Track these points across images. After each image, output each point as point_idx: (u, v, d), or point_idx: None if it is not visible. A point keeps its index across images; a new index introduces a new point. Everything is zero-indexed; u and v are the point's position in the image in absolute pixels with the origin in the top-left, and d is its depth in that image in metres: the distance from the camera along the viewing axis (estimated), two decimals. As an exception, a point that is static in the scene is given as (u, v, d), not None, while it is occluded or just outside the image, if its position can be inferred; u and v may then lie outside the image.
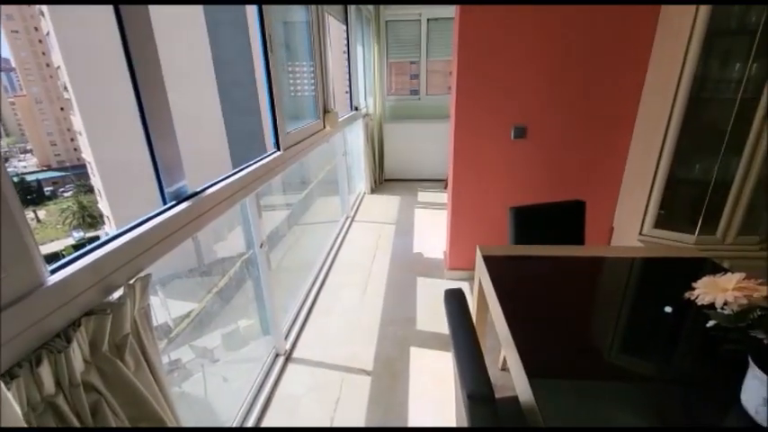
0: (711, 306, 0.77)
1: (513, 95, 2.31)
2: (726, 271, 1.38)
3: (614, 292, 1.40)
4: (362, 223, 3.93)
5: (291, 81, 2.91)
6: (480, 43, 2.22)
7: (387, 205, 4.42)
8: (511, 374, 1.08)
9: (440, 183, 5.14)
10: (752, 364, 0.78)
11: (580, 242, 1.74)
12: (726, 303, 0.74)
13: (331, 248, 3.31)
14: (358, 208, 4.32)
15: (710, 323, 0.79)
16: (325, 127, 2.61)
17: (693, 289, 0.84)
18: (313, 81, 2.53)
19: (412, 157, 5.28)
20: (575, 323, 1.20)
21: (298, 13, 2.51)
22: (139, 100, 1.06)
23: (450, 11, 3.68)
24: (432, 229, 3.69)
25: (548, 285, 1.40)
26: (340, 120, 3.12)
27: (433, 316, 2.42)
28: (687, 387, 0.95)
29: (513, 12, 2.15)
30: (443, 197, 4.55)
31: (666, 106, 2.02)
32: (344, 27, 3.73)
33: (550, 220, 1.70)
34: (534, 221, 1.67)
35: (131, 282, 0.90)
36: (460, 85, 2.32)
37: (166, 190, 1.17)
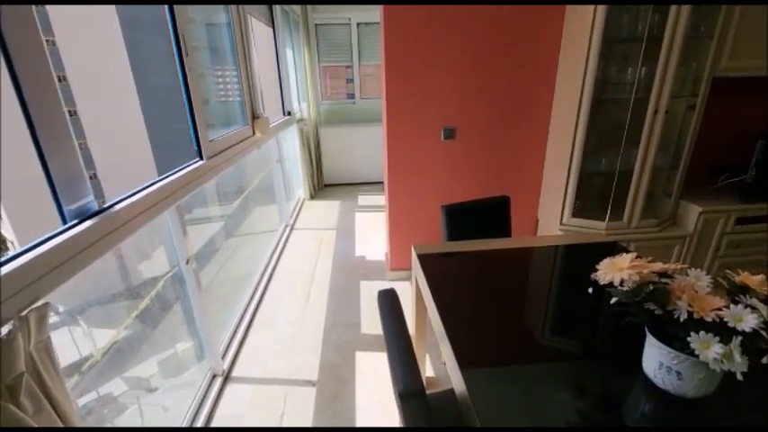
0: (612, 285, 0.85)
1: (441, 98, 2.40)
2: (624, 250, 1.55)
3: (540, 279, 1.50)
4: (303, 230, 3.84)
5: (222, 86, 2.77)
6: (406, 46, 2.28)
7: (327, 211, 4.37)
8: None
9: (379, 185, 5.19)
10: (648, 334, 0.87)
11: (507, 235, 1.85)
12: (622, 281, 0.82)
13: (270, 258, 3.19)
14: (298, 215, 4.22)
15: (613, 300, 0.87)
16: (254, 133, 2.51)
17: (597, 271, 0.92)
18: (238, 85, 2.43)
19: (350, 161, 5.27)
20: (505, 311, 1.26)
21: (219, 14, 2.39)
22: (25, 108, 0.94)
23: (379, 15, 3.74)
24: (373, 232, 3.71)
25: (479, 278, 1.47)
26: (272, 125, 3.02)
27: (377, 319, 2.41)
28: (603, 359, 1.05)
29: (435, 16, 2.23)
30: (383, 199, 4.61)
31: (574, 107, 2.21)
32: (271, 30, 3.63)
33: (480, 216, 1.78)
34: (465, 218, 1.75)
35: (24, 313, 0.79)
36: (389, 89, 2.36)
37: (66, 207, 1.05)
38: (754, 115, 2.68)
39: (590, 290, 1.28)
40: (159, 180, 1.42)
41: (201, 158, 1.74)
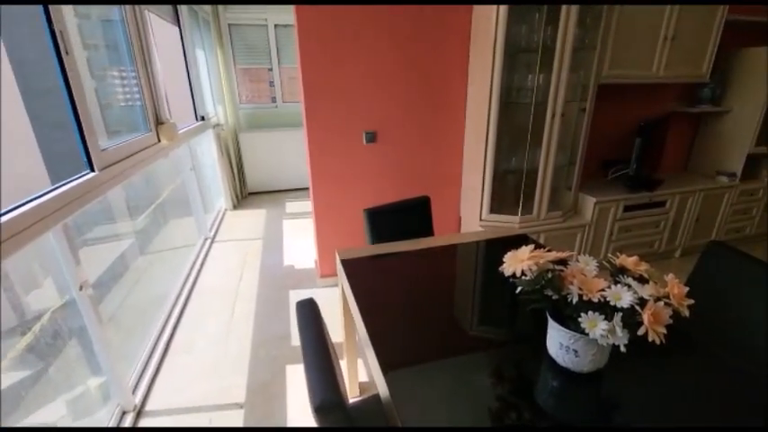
0: (515, 276, 0.91)
1: (361, 101, 2.41)
2: (532, 242, 1.68)
3: (461, 274, 1.56)
4: (225, 243, 3.61)
5: (126, 89, 2.49)
6: (323, 49, 2.25)
7: (252, 220, 4.16)
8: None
9: (307, 191, 5.08)
10: (549, 318, 0.95)
11: (430, 234, 1.90)
12: (523, 272, 0.88)
13: (188, 276, 2.94)
14: (219, 227, 3.96)
15: (518, 289, 0.93)
16: (159, 140, 2.29)
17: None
18: (138, 88, 2.20)
19: (276, 168, 5.09)
20: (430, 309, 1.29)
21: (111, 9, 2.15)
22: None
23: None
24: (302, 240, 3.61)
25: (403, 279, 1.49)
26: (182, 131, 2.80)
27: (308, 328, 2.35)
28: (519, 345, 1.11)
29: (350, 18, 2.23)
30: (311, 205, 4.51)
31: (484, 111, 2.36)
32: (178, 29, 3.37)
33: (402, 218, 1.81)
34: (387, 220, 1.77)
35: None
36: (308, 92, 2.31)
37: None
38: (633, 116, 3.09)
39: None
40: (36, 198, 1.22)
41: (92, 170, 1.54)
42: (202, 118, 3.68)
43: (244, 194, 4.91)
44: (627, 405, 0.90)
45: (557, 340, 0.94)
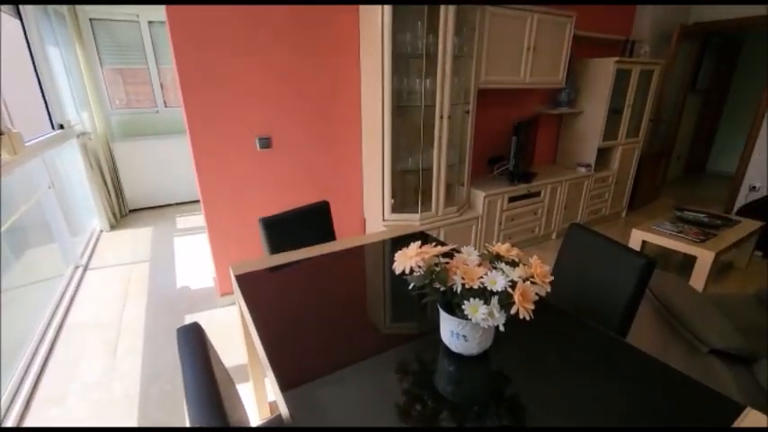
0: (405, 273, 0.94)
1: (251, 106, 2.29)
2: (430, 238, 1.77)
3: (365, 275, 1.56)
4: (102, 270, 3.13)
5: None
6: (203, 49, 2.08)
7: (135, 241, 3.68)
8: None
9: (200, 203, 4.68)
10: (440, 309, 0.99)
11: (332, 238, 1.88)
12: (412, 269, 0.91)
13: (54, 313, 2.48)
14: (93, 251, 3.42)
15: (411, 286, 0.96)
16: (-2, 154, 1.89)
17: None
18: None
19: (161, 180, 4.57)
20: (335, 315, 1.25)
21: None
22: None
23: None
24: (198, 257, 3.30)
25: (305, 287, 1.44)
26: (30, 143, 2.35)
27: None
28: (420, 339, 1.14)
29: (230, 17, 2.10)
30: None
31: (378, 114, 2.42)
32: (19, 22, 2.83)
33: (301, 225, 1.76)
34: (285, 229, 1.70)
35: None
36: (188, 96, 2.12)
37: None
38: (509, 117, 3.47)
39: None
40: None
41: None
42: (61, 126, 3.14)
43: (123, 212, 4.32)
44: (514, 377, 0.98)
45: (448, 328, 0.99)
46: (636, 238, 2.89)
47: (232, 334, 2.28)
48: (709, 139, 6.41)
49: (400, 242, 1.82)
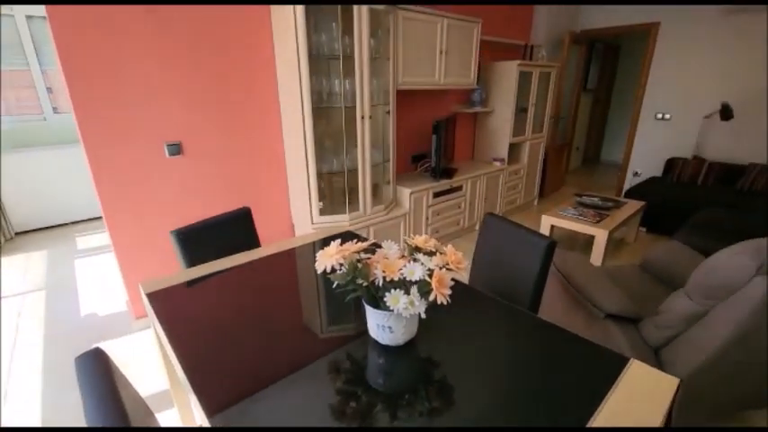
0: (326, 272, 0.94)
1: (155, 110, 2.11)
2: (356, 237, 1.79)
3: (297, 279, 1.52)
4: (-17, 304, 2.67)
5: None
6: (92, 50, 1.87)
7: (26, 268, 3.20)
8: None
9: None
10: (364, 303, 1.01)
11: (256, 246, 1.81)
12: (333, 267, 0.92)
13: None
14: (-30, 285, 2.90)
15: (334, 284, 0.96)
16: None
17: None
18: None
19: (54, 196, 4.02)
20: (264, 326, 1.20)
21: None
22: None
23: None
24: (105, 279, 2.97)
25: (228, 301, 1.36)
26: None
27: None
28: (358, 337, 1.13)
29: (122, 19, 1.92)
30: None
31: (298, 116, 2.39)
32: None
33: (221, 234, 1.67)
34: (203, 240, 1.60)
35: None
36: (78, 101, 1.89)
37: None
38: (429, 116, 3.62)
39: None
40: None
41: None
42: None
43: (8, 236, 3.72)
44: (441, 360, 1.03)
45: (374, 322, 1.01)
46: (545, 224, 3.20)
47: (152, 359, 2.08)
48: (600, 132, 7.31)
49: (327, 243, 1.80)
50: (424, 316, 0.93)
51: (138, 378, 1.94)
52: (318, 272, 0.94)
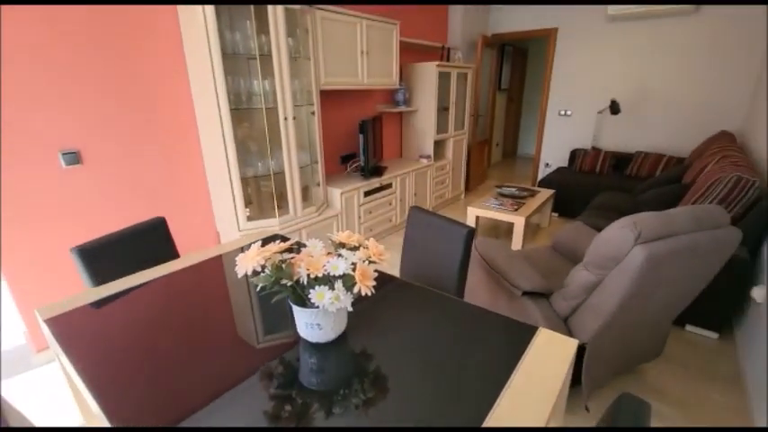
0: (247, 275, 0.92)
1: (46, 116, 1.88)
2: (284, 239, 1.75)
3: (225, 289, 1.44)
4: None
5: None
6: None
7: None
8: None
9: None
10: (291, 303, 1.00)
11: (174, 256, 1.70)
12: (254, 270, 0.90)
13: None
14: None
15: (258, 287, 0.94)
16: None
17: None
18: None
19: None
20: (189, 343, 1.12)
21: None
22: None
23: None
24: (-3, 311, 2.57)
25: (146, 319, 1.26)
26: None
27: None
28: (292, 340, 1.11)
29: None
30: None
31: (216, 119, 2.27)
32: None
33: (132, 247, 1.54)
34: (111, 254, 1.46)
35: None
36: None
37: None
38: (355, 116, 3.66)
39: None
40: None
41: None
42: None
43: None
44: (374, 351, 1.05)
45: (302, 321, 1.01)
46: (471, 215, 3.40)
47: (63, 394, 1.85)
48: (516, 128, 7.93)
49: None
50: (350, 309, 0.95)
51: (49, 418, 1.71)
52: (239, 276, 0.92)
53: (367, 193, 3.34)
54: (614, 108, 4.37)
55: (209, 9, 2.05)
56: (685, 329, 2.31)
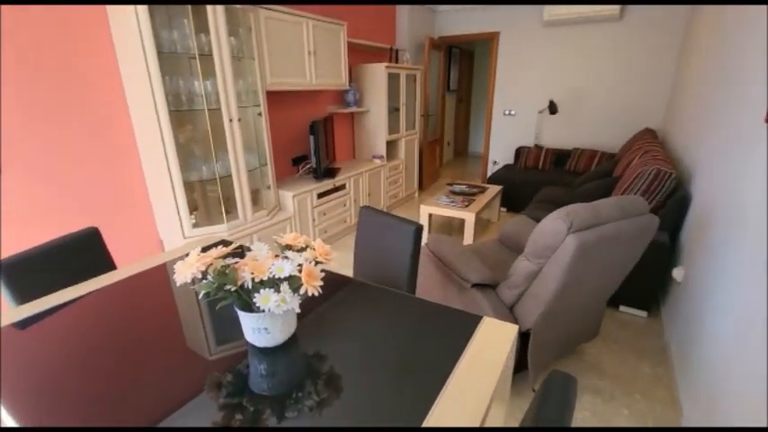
0: (188, 282, 0.88)
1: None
2: (226, 243, 1.70)
3: (170, 300, 1.37)
4: None
5: None
6: None
7: None
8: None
9: None
10: (236, 309, 0.98)
11: (111, 268, 1.59)
12: (195, 277, 0.87)
13: None
14: None
15: (201, 294, 0.91)
16: None
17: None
18: None
19: None
20: (132, 363, 1.05)
21: None
22: None
23: None
24: None
25: (80, 339, 1.17)
26: None
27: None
28: (229, 344, 1.08)
29: None
30: None
31: (153, 122, 2.15)
32: None
33: (60, 260, 1.42)
34: (36, 269, 1.34)
35: None
36: None
37: None
38: (305, 117, 3.61)
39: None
40: None
41: None
42: None
43: None
44: (326, 351, 1.05)
45: (249, 326, 0.99)
46: (424, 213, 3.48)
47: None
48: (466, 128, 8.21)
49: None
50: (298, 311, 0.94)
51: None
52: (178, 284, 0.88)
53: (320, 195, 3.31)
54: (552, 108, 4.66)
55: (142, 9, 1.94)
56: (619, 310, 2.52)
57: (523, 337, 1.73)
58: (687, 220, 2.29)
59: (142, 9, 1.94)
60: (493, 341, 1.06)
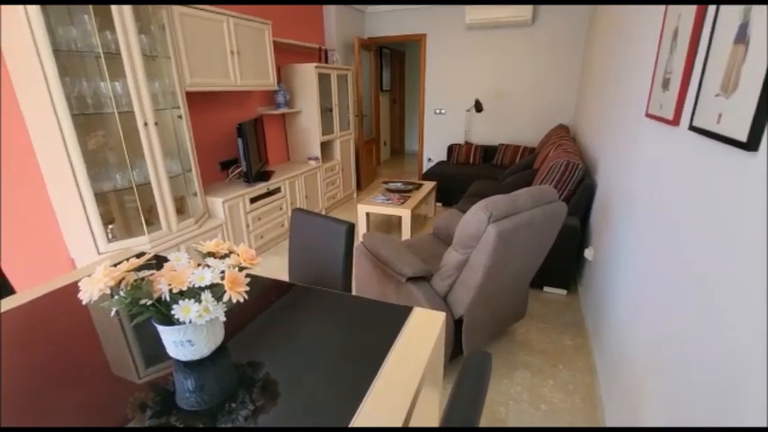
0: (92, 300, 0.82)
1: None
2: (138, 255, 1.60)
3: (88, 321, 1.24)
4: None
5: None
6: None
7: None
8: None
9: None
10: (155, 324, 0.93)
11: (8, 293, 1.41)
12: (105, 293, 0.81)
13: None
14: None
15: (112, 312, 0.84)
16: None
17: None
18: None
19: None
20: (45, 400, 0.95)
21: None
22: None
23: None
24: None
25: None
26: None
27: None
28: (161, 363, 1.01)
29: None
30: None
31: (55, 129, 1.94)
32: None
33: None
34: None
35: None
36: None
37: None
38: (232, 119, 3.46)
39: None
40: None
41: None
42: None
43: None
44: (261, 357, 1.03)
45: (170, 340, 0.94)
46: (361, 212, 3.51)
47: None
48: (401, 127, 8.39)
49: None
50: (224, 319, 0.92)
51: None
52: (84, 302, 0.81)
53: (253, 200, 3.20)
54: (478, 107, 4.94)
55: (33, 10, 1.74)
56: (543, 291, 2.75)
57: (458, 324, 1.82)
58: (594, 206, 2.56)
59: (33, 10, 1.74)
60: (422, 330, 1.11)
